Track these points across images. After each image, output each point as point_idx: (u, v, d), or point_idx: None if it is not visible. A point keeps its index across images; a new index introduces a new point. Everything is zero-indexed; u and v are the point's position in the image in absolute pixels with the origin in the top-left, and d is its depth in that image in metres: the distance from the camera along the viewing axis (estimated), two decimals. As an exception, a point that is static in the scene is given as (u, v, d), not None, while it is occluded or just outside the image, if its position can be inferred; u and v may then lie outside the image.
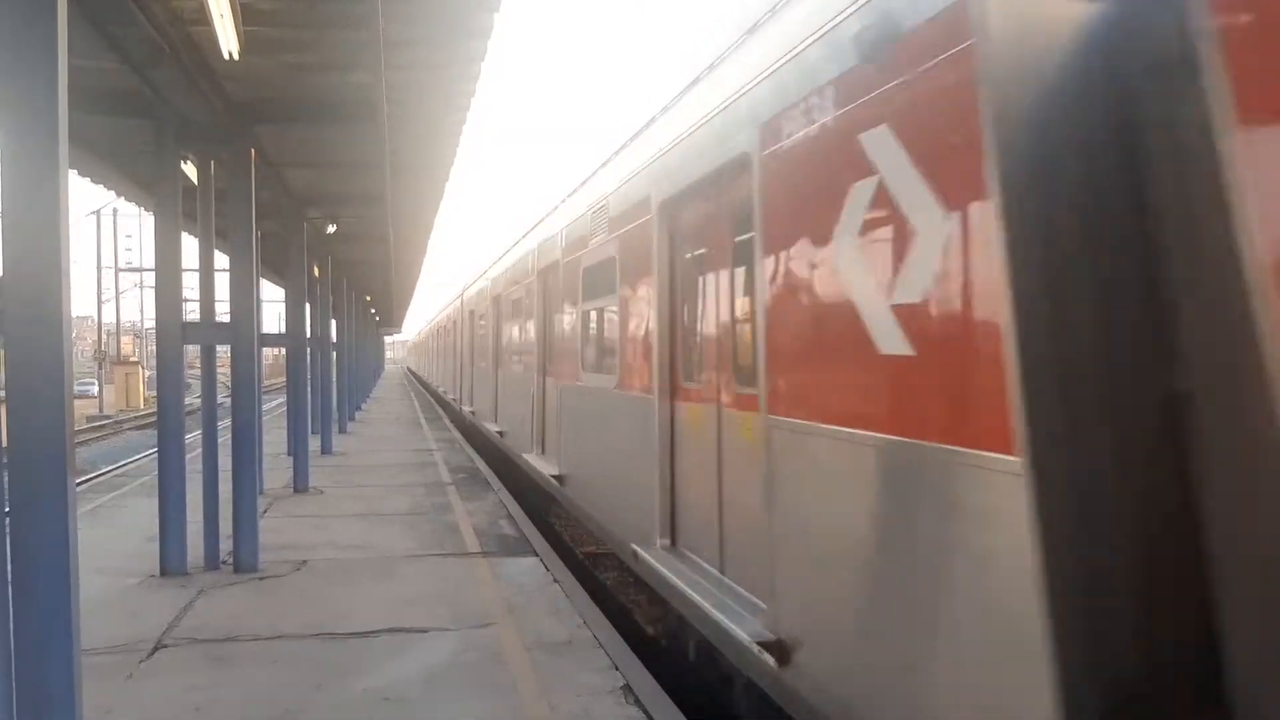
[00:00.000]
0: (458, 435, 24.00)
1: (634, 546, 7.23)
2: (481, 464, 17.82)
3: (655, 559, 6.72)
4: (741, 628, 4.98)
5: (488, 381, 18.94)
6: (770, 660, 4.70)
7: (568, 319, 10.72)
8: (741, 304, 5.68)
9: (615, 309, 8.39)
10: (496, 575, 8.86)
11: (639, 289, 7.63)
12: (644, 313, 7.40)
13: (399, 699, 5.76)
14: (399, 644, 6.81)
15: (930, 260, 3.52)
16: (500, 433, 16.89)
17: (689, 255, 6.67)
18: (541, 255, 12.79)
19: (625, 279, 8.06)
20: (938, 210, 3.46)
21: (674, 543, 6.88)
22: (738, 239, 5.67)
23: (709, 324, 6.24)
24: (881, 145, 3.85)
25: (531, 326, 13.62)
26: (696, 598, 5.63)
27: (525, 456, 13.48)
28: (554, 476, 11.09)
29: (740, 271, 5.67)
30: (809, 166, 4.56)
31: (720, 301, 6.01)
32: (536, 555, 9.73)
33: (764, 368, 4.95)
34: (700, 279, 6.45)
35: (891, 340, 3.78)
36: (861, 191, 3.98)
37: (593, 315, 9.54)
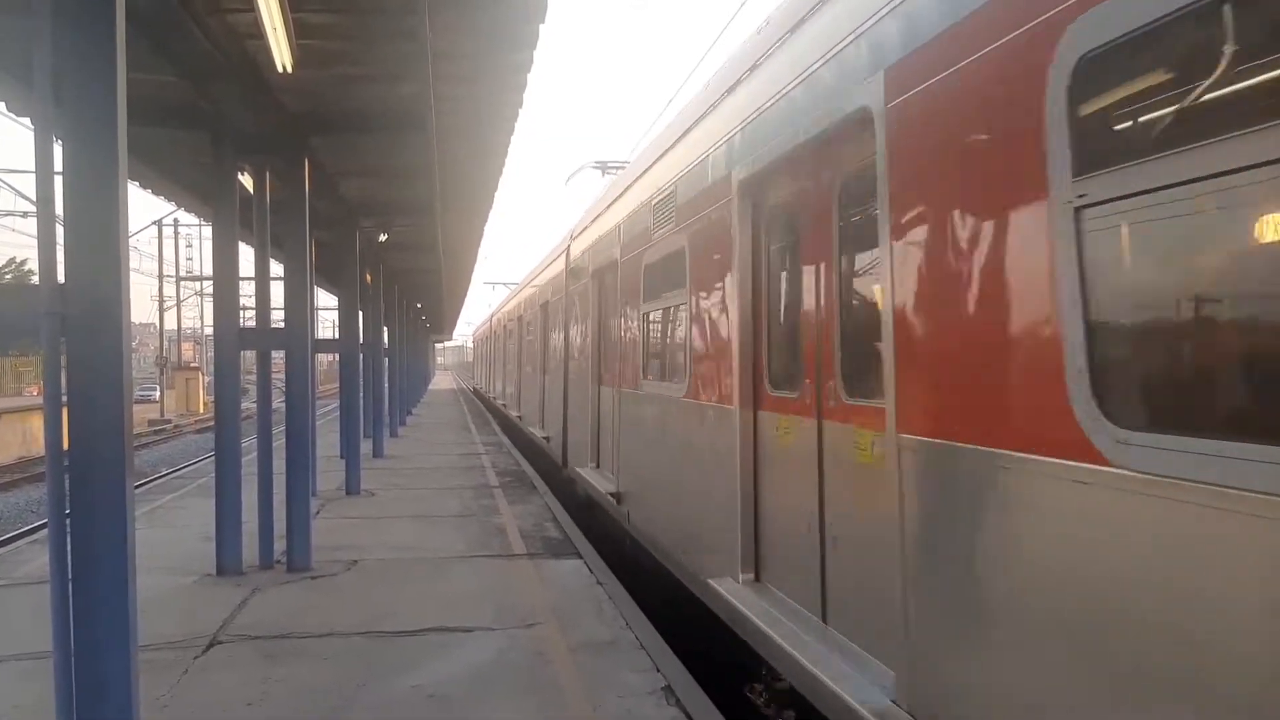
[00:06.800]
0: (505, 440, 24.25)
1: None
2: (528, 467, 17.98)
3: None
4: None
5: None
6: None
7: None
8: None
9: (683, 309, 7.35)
10: (542, 576, 8.96)
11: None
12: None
13: (443, 697, 5.87)
14: (445, 643, 6.93)
15: None
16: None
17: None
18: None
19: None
20: None
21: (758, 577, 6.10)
22: None
23: None
24: None
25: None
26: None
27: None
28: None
29: None
30: None
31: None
32: (580, 557, 9.82)
33: None
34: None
35: None
36: None
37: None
